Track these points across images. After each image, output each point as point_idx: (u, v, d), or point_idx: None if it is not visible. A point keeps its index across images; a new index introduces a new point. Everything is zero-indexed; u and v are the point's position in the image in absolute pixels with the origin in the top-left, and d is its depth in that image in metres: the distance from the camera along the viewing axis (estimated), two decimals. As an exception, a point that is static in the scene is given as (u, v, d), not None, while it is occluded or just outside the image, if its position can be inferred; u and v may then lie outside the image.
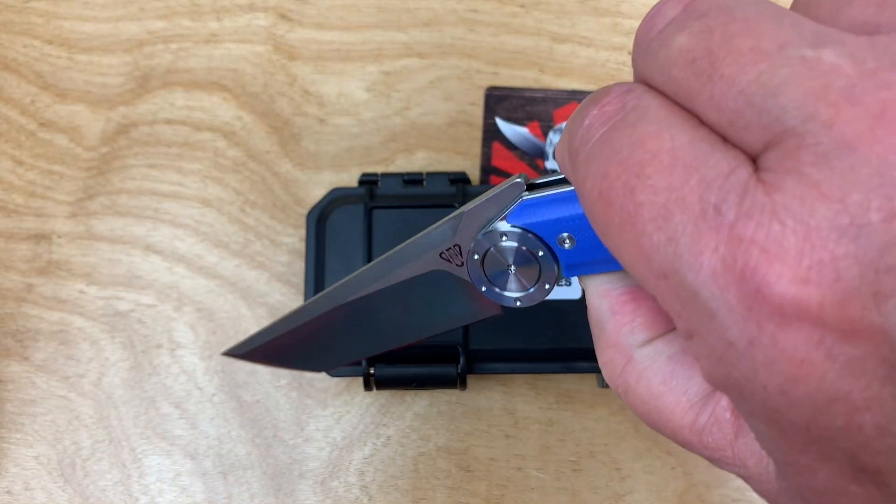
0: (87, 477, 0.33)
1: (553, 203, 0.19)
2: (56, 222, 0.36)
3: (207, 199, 0.36)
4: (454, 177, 0.33)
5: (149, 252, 0.35)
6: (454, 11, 0.38)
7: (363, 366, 0.30)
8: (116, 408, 0.34)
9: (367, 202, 0.32)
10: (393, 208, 0.32)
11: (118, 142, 0.37)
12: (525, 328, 0.30)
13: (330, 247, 0.32)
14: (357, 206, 0.32)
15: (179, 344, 0.34)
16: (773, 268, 0.13)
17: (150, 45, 0.38)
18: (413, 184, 0.33)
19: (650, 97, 0.15)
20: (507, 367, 0.31)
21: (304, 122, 0.37)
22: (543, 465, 0.33)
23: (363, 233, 0.31)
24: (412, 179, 0.33)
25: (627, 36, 0.38)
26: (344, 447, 0.33)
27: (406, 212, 0.32)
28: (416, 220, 0.32)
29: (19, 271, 0.35)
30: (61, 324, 0.35)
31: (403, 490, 0.33)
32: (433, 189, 0.33)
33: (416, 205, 0.32)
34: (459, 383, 0.31)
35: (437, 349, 0.30)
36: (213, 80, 0.37)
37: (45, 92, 0.37)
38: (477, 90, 0.37)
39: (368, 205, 0.32)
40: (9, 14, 0.38)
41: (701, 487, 0.33)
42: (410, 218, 0.32)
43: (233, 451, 0.33)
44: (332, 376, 0.31)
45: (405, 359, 0.31)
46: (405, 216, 0.32)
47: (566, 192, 0.19)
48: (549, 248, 0.19)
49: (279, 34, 0.38)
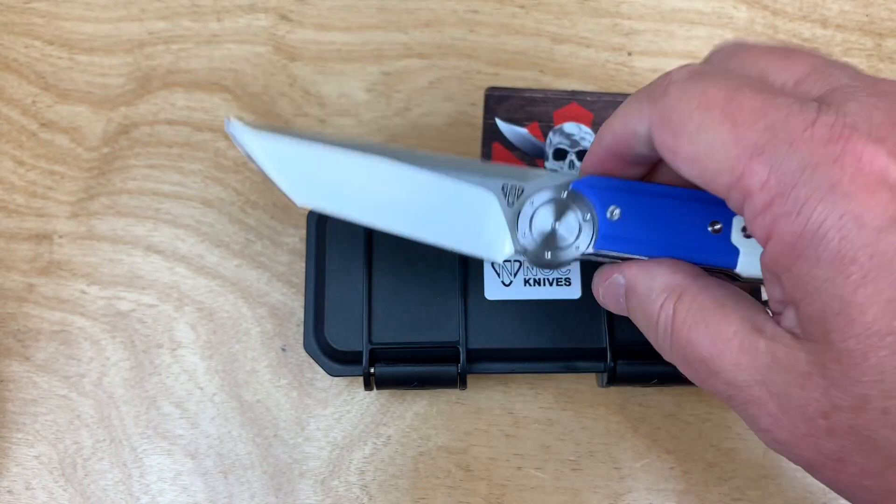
0: (88, 476, 0.33)
1: (612, 182, 0.24)
2: (57, 222, 0.36)
3: (208, 200, 0.36)
4: None
5: (150, 252, 0.35)
6: (454, 12, 0.38)
7: (364, 365, 0.30)
8: (117, 407, 0.34)
9: None
10: None
11: (119, 142, 0.37)
12: (525, 328, 0.30)
13: (330, 247, 0.32)
14: None
15: (180, 344, 0.34)
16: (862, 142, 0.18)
17: (150, 46, 0.38)
18: None
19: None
20: (507, 366, 0.31)
21: (304, 122, 0.37)
22: (543, 464, 0.33)
23: (364, 234, 0.32)
24: None
25: (627, 37, 0.38)
26: (344, 447, 0.33)
27: None
28: None
29: (20, 271, 0.35)
30: (62, 323, 0.35)
31: (403, 489, 0.33)
32: None
33: None
34: (460, 383, 0.31)
35: (437, 348, 0.30)
36: (214, 80, 0.37)
37: (46, 92, 0.37)
38: (477, 91, 0.37)
39: None
40: (10, 15, 0.38)
41: (700, 486, 0.33)
42: None
43: (233, 451, 0.33)
44: (333, 376, 0.31)
45: (405, 358, 0.31)
46: None
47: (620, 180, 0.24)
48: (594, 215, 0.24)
49: (280, 35, 0.38)
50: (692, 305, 0.22)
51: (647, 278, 0.23)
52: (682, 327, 0.22)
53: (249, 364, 0.34)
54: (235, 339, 0.35)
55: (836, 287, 0.17)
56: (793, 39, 0.38)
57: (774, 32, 0.38)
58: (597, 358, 0.31)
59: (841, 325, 0.18)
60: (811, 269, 0.18)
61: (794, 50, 0.21)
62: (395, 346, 0.31)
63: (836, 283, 0.17)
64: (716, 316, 0.21)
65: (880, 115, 0.18)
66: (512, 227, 0.25)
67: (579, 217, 0.24)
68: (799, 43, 0.38)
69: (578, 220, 0.24)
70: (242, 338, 0.35)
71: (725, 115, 0.19)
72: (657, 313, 0.22)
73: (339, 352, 0.31)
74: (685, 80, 0.20)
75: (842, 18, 0.38)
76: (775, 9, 0.38)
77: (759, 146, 0.18)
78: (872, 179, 0.17)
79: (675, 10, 0.38)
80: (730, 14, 0.38)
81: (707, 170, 0.19)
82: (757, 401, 0.20)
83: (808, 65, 0.20)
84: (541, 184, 0.25)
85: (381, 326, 0.30)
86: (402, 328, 0.30)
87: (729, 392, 0.21)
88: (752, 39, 0.23)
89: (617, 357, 0.30)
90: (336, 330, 0.31)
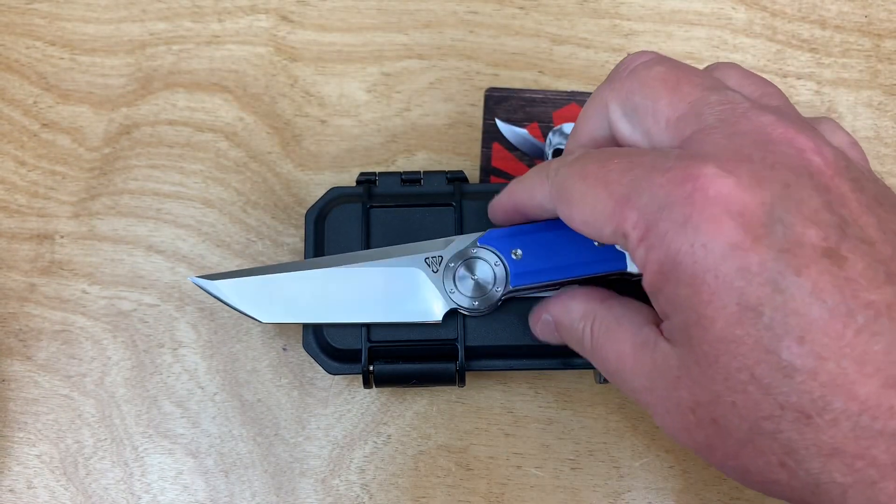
0: (90, 475, 0.33)
1: (509, 230, 0.29)
2: (59, 222, 0.36)
3: (209, 200, 0.36)
4: (451, 175, 0.33)
5: (151, 252, 0.36)
6: (454, 13, 0.38)
7: (363, 363, 0.30)
8: (119, 407, 0.34)
9: (365, 201, 0.32)
10: (390, 207, 0.32)
11: (120, 142, 0.37)
12: (522, 325, 0.31)
13: (328, 245, 0.32)
14: (355, 205, 0.32)
15: (181, 343, 0.35)
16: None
17: (152, 47, 0.38)
18: (411, 183, 0.33)
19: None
20: (505, 363, 0.31)
21: (305, 122, 0.37)
22: (542, 463, 0.33)
23: (361, 231, 0.32)
24: (410, 178, 0.33)
25: (626, 37, 0.38)
26: (345, 445, 0.34)
27: (404, 210, 0.32)
28: (414, 218, 0.32)
29: (22, 271, 0.35)
30: (64, 323, 0.35)
31: (404, 488, 0.33)
32: (430, 188, 0.33)
33: (414, 204, 0.32)
34: (458, 380, 0.31)
35: (436, 345, 0.31)
36: (215, 81, 0.38)
37: (47, 93, 0.37)
38: (477, 91, 0.37)
39: (366, 204, 0.32)
40: (11, 15, 0.38)
41: (699, 485, 0.33)
42: (408, 216, 0.32)
43: (234, 450, 0.34)
44: (332, 374, 0.31)
45: (404, 356, 0.31)
46: (403, 215, 0.32)
47: (517, 227, 0.29)
48: (503, 260, 0.29)
49: (280, 36, 0.38)
50: (601, 325, 0.26)
51: (567, 312, 0.28)
52: (597, 345, 0.26)
53: (250, 363, 0.34)
54: (236, 338, 0.35)
55: (692, 303, 0.21)
56: (791, 40, 0.38)
57: (773, 33, 0.38)
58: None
59: (698, 334, 0.21)
60: (675, 289, 0.21)
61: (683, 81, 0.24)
62: (394, 343, 0.31)
63: (692, 300, 0.21)
64: (616, 334, 0.25)
65: (729, 153, 0.21)
66: (441, 290, 0.30)
67: (491, 265, 0.29)
68: (797, 44, 0.38)
69: (491, 268, 0.29)
70: (243, 337, 0.35)
71: (599, 180, 0.23)
72: (581, 337, 0.27)
73: (339, 350, 0.31)
74: (571, 163, 0.25)
75: (840, 19, 0.38)
76: (774, 10, 0.38)
77: (627, 196, 0.22)
78: (718, 211, 0.20)
79: (674, 11, 0.38)
80: (728, 15, 0.38)
81: (595, 226, 0.24)
82: (650, 403, 0.24)
83: (687, 104, 0.23)
84: (455, 247, 0.30)
85: (379, 325, 0.31)
86: (401, 326, 0.31)
87: (634, 396, 0.25)
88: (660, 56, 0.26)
89: None
90: (335, 328, 0.31)
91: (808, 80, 0.38)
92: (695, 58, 0.38)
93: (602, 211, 0.23)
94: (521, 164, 0.36)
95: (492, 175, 0.36)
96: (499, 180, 0.36)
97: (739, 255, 0.20)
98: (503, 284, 0.29)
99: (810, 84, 0.37)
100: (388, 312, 0.30)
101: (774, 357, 0.20)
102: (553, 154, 0.37)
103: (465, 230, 0.31)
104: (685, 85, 0.24)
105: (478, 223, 0.31)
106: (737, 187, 0.21)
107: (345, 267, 0.30)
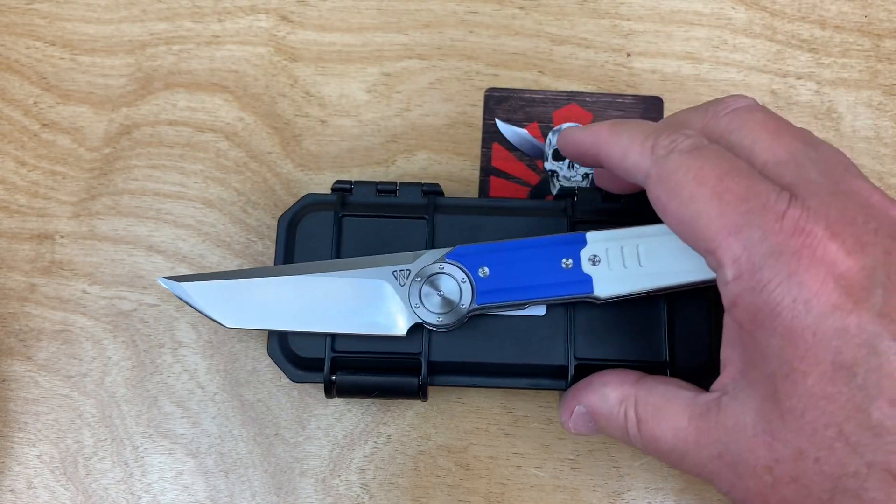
0: (90, 475, 0.33)
1: (477, 248, 0.29)
2: (59, 222, 0.36)
3: (209, 200, 0.36)
4: (427, 188, 0.33)
5: (151, 252, 0.36)
6: (454, 13, 0.38)
7: (325, 372, 0.30)
8: (119, 406, 0.34)
9: (338, 209, 0.32)
10: (363, 217, 0.32)
11: (121, 143, 0.37)
12: (490, 343, 0.30)
13: (298, 252, 0.31)
14: (328, 213, 0.32)
15: (181, 343, 0.35)
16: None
17: (152, 47, 0.38)
18: (386, 193, 0.33)
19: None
20: (470, 380, 0.31)
21: (305, 123, 0.37)
22: (542, 463, 0.33)
23: (332, 240, 0.31)
24: (385, 189, 0.33)
25: (626, 38, 0.38)
26: (345, 445, 0.34)
27: (376, 221, 0.32)
28: (386, 229, 0.32)
29: (22, 271, 0.35)
30: (64, 323, 0.35)
31: (404, 488, 0.33)
32: (405, 199, 0.32)
33: (387, 215, 0.32)
34: (421, 394, 0.31)
35: (400, 358, 0.30)
36: (215, 81, 0.38)
37: (47, 93, 0.38)
38: (477, 91, 0.37)
39: (339, 212, 0.32)
40: (11, 16, 0.39)
41: (699, 485, 0.33)
42: (380, 227, 0.32)
43: (234, 450, 0.34)
44: (295, 382, 0.31)
45: (367, 368, 0.31)
46: (375, 225, 0.32)
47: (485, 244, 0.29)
48: (470, 278, 0.29)
49: (281, 36, 0.38)
50: (647, 407, 0.26)
51: (603, 399, 0.27)
52: (646, 428, 0.26)
53: (250, 363, 0.34)
54: (237, 338, 0.35)
55: (786, 355, 0.22)
56: (791, 40, 0.38)
57: (773, 33, 0.38)
58: (560, 376, 0.30)
59: (787, 387, 0.22)
60: (768, 338, 0.22)
61: (783, 131, 0.25)
62: (358, 354, 0.31)
63: (786, 352, 0.22)
64: (667, 412, 0.25)
65: (836, 213, 0.22)
66: (406, 304, 0.29)
67: (458, 282, 0.29)
68: (797, 44, 0.38)
69: (458, 284, 0.29)
70: (244, 337, 0.35)
71: (715, 192, 0.23)
72: (623, 423, 0.27)
73: (302, 358, 0.31)
74: (686, 153, 0.24)
75: (840, 19, 0.38)
76: (774, 10, 0.38)
77: (738, 226, 0.22)
78: (823, 271, 0.21)
79: (674, 11, 0.38)
80: (728, 15, 0.38)
81: (690, 232, 0.24)
82: (717, 471, 0.24)
83: (788, 152, 0.24)
84: (423, 262, 0.29)
85: (344, 335, 0.31)
86: (366, 338, 0.30)
87: (697, 470, 0.25)
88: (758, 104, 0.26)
89: (580, 375, 0.30)
90: (300, 336, 0.31)
91: (807, 80, 0.38)
92: (694, 58, 0.38)
93: (706, 225, 0.23)
94: (521, 164, 0.36)
95: (492, 175, 0.36)
96: (499, 180, 0.36)
97: (839, 316, 0.21)
98: (469, 301, 0.29)
99: (810, 84, 0.37)
100: (352, 323, 0.30)
101: (865, 416, 0.20)
102: (552, 154, 0.37)
103: (437, 244, 0.31)
104: (785, 135, 0.24)
105: (449, 237, 0.31)
106: (842, 250, 0.21)
107: (312, 275, 0.30)
